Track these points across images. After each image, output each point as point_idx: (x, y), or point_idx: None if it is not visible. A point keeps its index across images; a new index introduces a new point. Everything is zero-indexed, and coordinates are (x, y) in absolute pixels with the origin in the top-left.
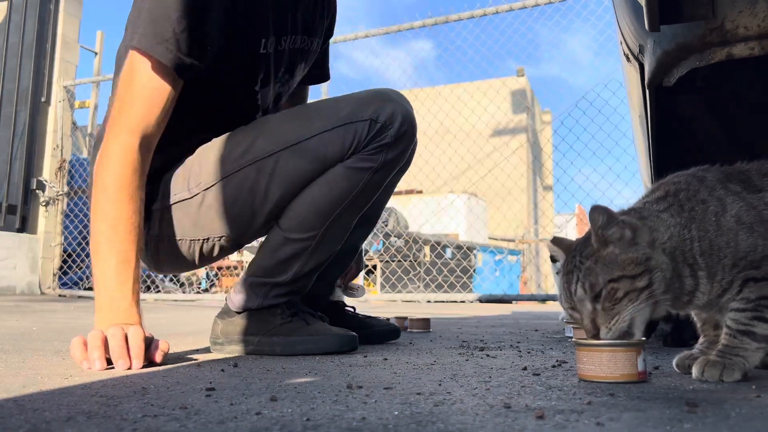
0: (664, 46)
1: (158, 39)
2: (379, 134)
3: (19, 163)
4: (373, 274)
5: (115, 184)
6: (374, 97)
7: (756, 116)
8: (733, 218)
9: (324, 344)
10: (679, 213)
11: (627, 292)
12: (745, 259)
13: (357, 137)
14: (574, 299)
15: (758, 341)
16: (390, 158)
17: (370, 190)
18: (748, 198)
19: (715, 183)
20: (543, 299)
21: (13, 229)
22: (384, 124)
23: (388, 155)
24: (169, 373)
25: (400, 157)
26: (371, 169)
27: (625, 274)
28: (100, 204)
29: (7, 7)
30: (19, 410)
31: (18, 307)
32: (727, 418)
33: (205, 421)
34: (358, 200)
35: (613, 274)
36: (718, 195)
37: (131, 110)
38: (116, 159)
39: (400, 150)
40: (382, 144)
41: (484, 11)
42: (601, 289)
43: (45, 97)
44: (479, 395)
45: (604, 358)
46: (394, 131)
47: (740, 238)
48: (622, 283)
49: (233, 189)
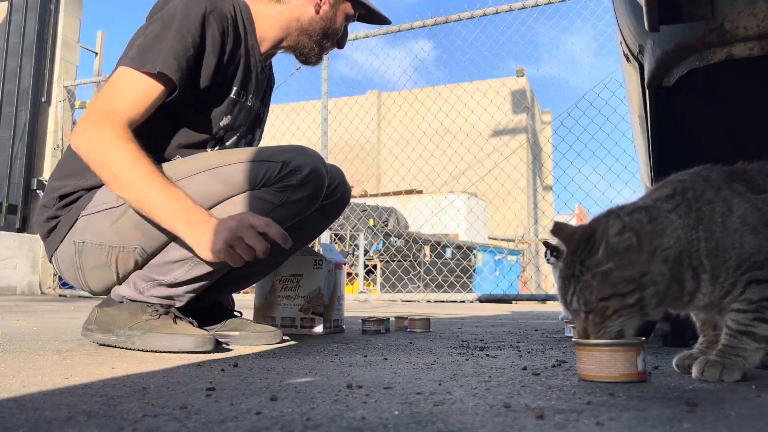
0: (664, 46)
1: (146, 60)
2: (287, 176)
3: (19, 163)
4: (373, 274)
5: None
6: (294, 149)
7: (756, 116)
8: (739, 219)
9: (180, 343)
10: (687, 213)
11: (617, 310)
12: (749, 260)
13: (268, 174)
14: (570, 307)
15: (758, 341)
16: (293, 199)
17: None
18: (753, 199)
19: (720, 183)
20: (543, 299)
21: (13, 229)
22: (293, 169)
23: (292, 196)
24: (169, 372)
25: (305, 201)
26: (272, 203)
27: (616, 293)
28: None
29: (7, 8)
30: (20, 410)
31: (18, 307)
32: (727, 417)
33: (205, 420)
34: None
35: (605, 293)
36: (724, 195)
37: (118, 103)
38: (120, 145)
39: (304, 195)
40: (288, 185)
41: (484, 11)
42: (594, 306)
43: (45, 97)
44: (479, 395)
45: (604, 358)
46: (301, 177)
47: (745, 240)
48: (612, 302)
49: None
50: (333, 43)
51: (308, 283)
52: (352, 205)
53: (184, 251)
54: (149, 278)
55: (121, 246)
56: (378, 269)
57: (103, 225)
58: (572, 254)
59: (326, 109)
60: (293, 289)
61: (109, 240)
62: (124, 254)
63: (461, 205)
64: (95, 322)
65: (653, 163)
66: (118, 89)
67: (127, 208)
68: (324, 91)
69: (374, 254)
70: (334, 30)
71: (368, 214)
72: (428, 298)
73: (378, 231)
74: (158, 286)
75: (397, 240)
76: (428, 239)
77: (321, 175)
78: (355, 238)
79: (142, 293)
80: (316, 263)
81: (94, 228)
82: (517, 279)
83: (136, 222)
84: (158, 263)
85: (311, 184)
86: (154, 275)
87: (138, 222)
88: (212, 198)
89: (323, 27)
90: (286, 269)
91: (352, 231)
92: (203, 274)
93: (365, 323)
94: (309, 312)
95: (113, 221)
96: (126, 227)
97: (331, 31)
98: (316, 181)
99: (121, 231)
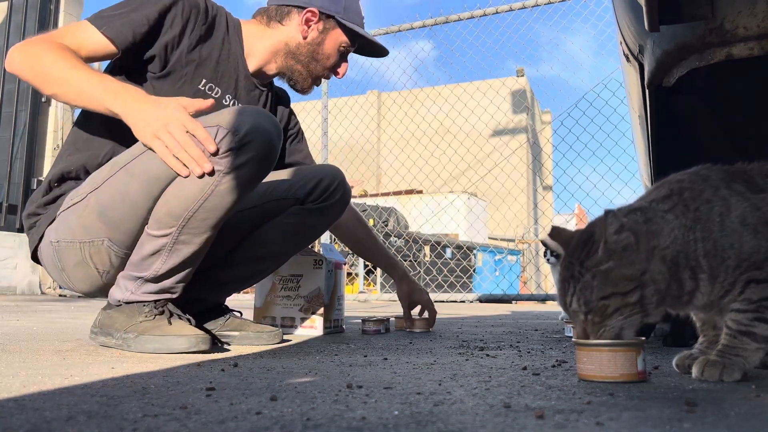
0: (664, 47)
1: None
2: (225, 140)
3: (19, 163)
4: (373, 273)
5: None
6: (232, 110)
7: (756, 116)
8: (738, 219)
9: (173, 344)
10: (684, 213)
11: (618, 308)
12: (748, 260)
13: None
14: (569, 309)
15: (758, 341)
16: (238, 164)
17: (223, 194)
18: (753, 199)
19: (719, 182)
20: (543, 299)
21: (13, 229)
22: (230, 130)
23: (236, 161)
24: (169, 372)
25: (252, 163)
26: (219, 172)
27: (617, 291)
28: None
29: (7, 8)
30: (20, 410)
31: (18, 306)
32: (727, 417)
33: (205, 420)
34: (211, 202)
35: (606, 291)
36: (723, 195)
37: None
38: (50, 48)
39: (248, 156)
40: (229, 149)
41: (484, 11)
42: (594, 305)
43: (45, 98)
44: (479, 395)
45: (604, 358)
46: (239, 138)
47: (744, 240)
48: (612, 300)
49: (108, 190)
50: (326, 70)
51: (308, 283)
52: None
53: (154, 243)
54: (133, 276)
55: (90, 240)
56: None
57: (71, 221)
58: (570, 256)
59: (326, 109)
60: (293, 289)
61: (79, 236)
62: (95, 248)
63: (461, 205)
64: (98, 325)
65: (653, 163)
66: (67, 29)
67: (88, 200)
68: (324, 91)
69: None
70: (324, 55)
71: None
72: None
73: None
74: (145, 283)
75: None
76: (428, 239)
77: (264, 131)
78: None
79: (134, 293)
80: (316, 263)
81: (65, 225)
82: (517, 279)
83: (98, 211)
84: (136, 260)
85: (253, 143)
86: (136, 272)
87: (99, 213)
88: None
89: (311, 51)
90: (286, 269)
91: None
92: (182, 261)
93: (365, 323)
94: (309, 312)
95: (79, 215)
96: (90, 219)
97: (320, 56)
98: (259, 140)
99: (87, 224)
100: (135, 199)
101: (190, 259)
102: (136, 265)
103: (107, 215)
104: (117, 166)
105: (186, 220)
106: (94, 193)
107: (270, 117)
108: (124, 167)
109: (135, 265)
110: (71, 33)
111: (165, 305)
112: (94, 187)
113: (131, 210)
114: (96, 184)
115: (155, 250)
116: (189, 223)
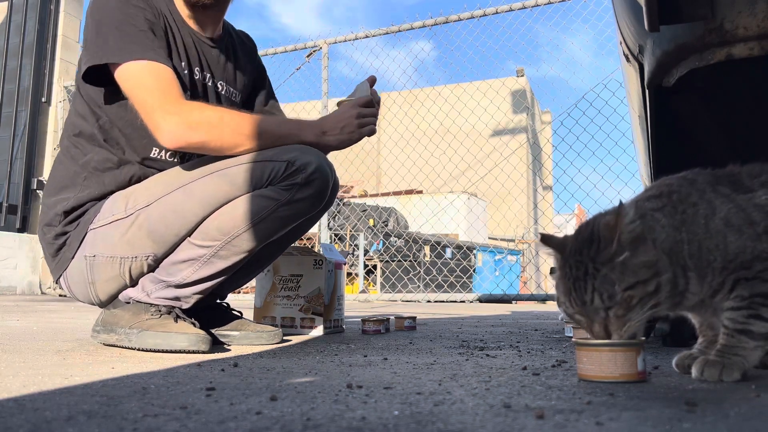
0: (664, 47)
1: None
2: (292, 175)
3: (19, 163)
4: (373, 274)
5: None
6: (298, 148)
7: (756, 116)
8: (722, 220)
9: (174, 341)
10: (672, 215)
11: (641, 298)
12: (734, 261)
13: (274, 173)
14: (587, 307)
15: (756, 339)
16: (298, 198)
17: (273, 221)
18: (738, 199)
19: (705, 186)
20: (543, 299)
21: (13, 228)
22: (298, 167)
23: (297, 194)
24: (169, 372)
25: (310, 199)
26: (278, 201)
27: (639, 280)
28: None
29: (7, 8)
30: (20, 410)
31: (18, 306)
32: (726, 417)
33: (205, 420)
34: (260, 226)
35: (629, 281)
36: (708, 198)
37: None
38: (209, 113)
39: (309, 193)
40: (294, 183)
41: (483, 11)
42: (619, 297)
43: (45, 98)
44: (479, 395)
45: (604, 358)
46: (306, 175)
47: (729, 240)
48: (636, 290)
49: (162, 209)
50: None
51: (308, 283)
52: (352, 205)
53: (192, 251)
54: (158, 279)
55: (134, 256)
56: (378, 269)
57: (113, 237)
58: (577, 255)
59: (326, 109)
60: (293, 289)
61: (121, 251)
62: (137, 263)
63: (461, 205)
64: (101, 323)
65: (653, 163)
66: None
67: (136, 217)
68: (324, 91)
69: (374, 254)
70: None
71: (368, 214)
72: (428, 298)
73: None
74: (166, 287)
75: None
76: (428, 239)
77: (325, 173)
78: (355, 238)
79: (149, 295)
80: (316, 263)
81: (104, 241)
82: (517, 279)
83: (147, 231)
84: (167, 264)
85: (316, 182)
86: (163, 276)
87: (150, 231)
88: (219, 198)
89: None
90: (286, 269)
91: (352, 231)
92: (211, 274)
93: (365, 323)
94: (309, 312)
95: (123, 232)
96: (137, 237)
97: None
98: (320, 180)
99: (132, 241)
100: (189, 217)
101: (218, 274)
102: (165, 269)
103: (158, 232)
104: (172, 187)
105: (232, 237)
106: (144, 210)
107: (329, 162)
108: (183, 188)
109: (164, 268)
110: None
111: (173, 308)
112: (143, 204)
113: (181, 228)
114: (147, 202)
115: (190, 258)
116: (233, 240)
